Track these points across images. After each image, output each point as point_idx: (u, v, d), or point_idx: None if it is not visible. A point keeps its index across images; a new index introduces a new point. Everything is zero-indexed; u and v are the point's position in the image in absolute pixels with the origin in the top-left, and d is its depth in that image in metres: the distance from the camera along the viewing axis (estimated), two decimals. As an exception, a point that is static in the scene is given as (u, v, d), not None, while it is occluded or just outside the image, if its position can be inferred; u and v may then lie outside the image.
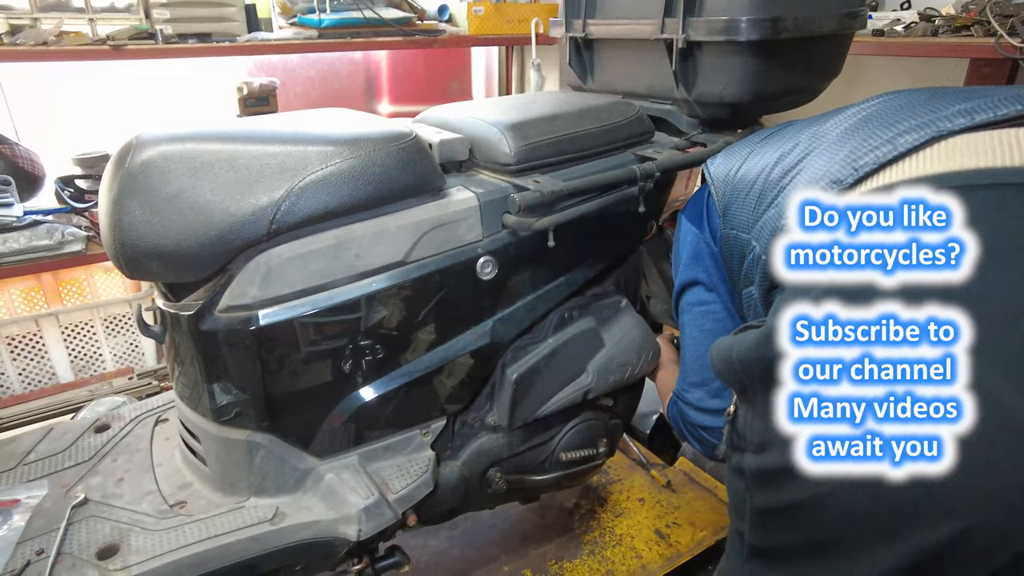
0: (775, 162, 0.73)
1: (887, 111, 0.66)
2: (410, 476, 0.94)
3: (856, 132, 0.65)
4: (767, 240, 0.69)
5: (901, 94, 0.70)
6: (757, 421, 0.62)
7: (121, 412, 1.15)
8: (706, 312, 0.93)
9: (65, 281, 2.35)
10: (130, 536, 0.88)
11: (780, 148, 0.75)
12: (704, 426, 0.95)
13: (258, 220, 0.80)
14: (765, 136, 0.85)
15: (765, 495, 0.61)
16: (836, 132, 0.68)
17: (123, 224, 0.79)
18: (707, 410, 0.94)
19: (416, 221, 0.89)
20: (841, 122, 0.69)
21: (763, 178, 0.74)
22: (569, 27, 1.32)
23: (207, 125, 0.89)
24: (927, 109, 0.61)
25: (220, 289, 0.83)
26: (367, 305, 0.88)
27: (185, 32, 2.11)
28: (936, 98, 0.63)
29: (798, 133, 0.75)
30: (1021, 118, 0.55)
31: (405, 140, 0.89)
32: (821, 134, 0.70)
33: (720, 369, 0.66)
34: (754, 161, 0.79)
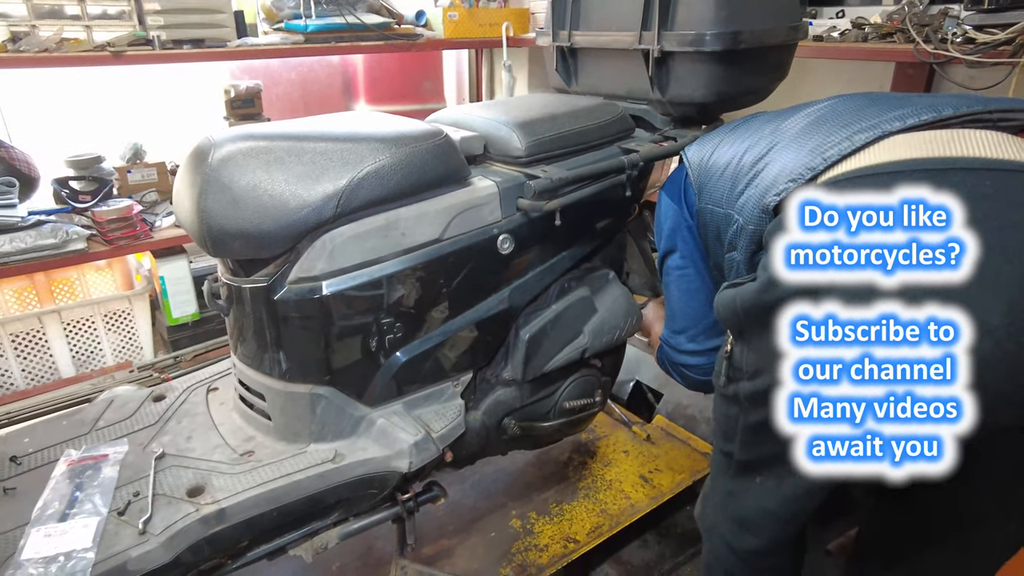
0: (744, 151, 0.92)
1: (837, 114, 0.83)
2: (447, 419, 1.12)
3: (816, 130, 0.81)
4: (751, 213, 0.84)
5: (844, 99, 0.88)
6: (752, 354, 0.80)
7: (173, 384, 1.29)
8: (682, 275, 1.12)
9: (57, 281, 2.42)
10: (211, 478, 1.03)
11: (747, 140, 0.94)
12: (684, 364, 1.15)
13: (326, 205, 0.96)
14: (732, 128, 1.04)
15: (757, 412, 0.79)
16: (796, 129, 0.85)
17: (209, 211, 0.95)
18: (686, 351, 1.14)
19: (449, 205, 1.07)
20: (798, 121, 0.87)
21: (735, 164, 0.93)
22: (556, 37, 1.52)
23: (270, 126, 1.05)
24: (871, 114, 0.77)
25: (290, 264, 0.99)
26: (411, 276, 1.05)
27: (179, 38, 2.22)
28: (875, 104, 0.81)
29: (761, 128, 0.94)
30: (936, 122, 0.74)
31: (440, 137, 1.07)
32: (782, 130, 0.88)
33: (724, 316, 0.83)
34: (724, 150, 0.99)
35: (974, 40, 1.65)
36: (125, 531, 0.93)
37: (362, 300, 1.03)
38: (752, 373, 0.80)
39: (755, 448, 0.85)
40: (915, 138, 0.72)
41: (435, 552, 1.39)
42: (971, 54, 1.61)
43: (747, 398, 0.82)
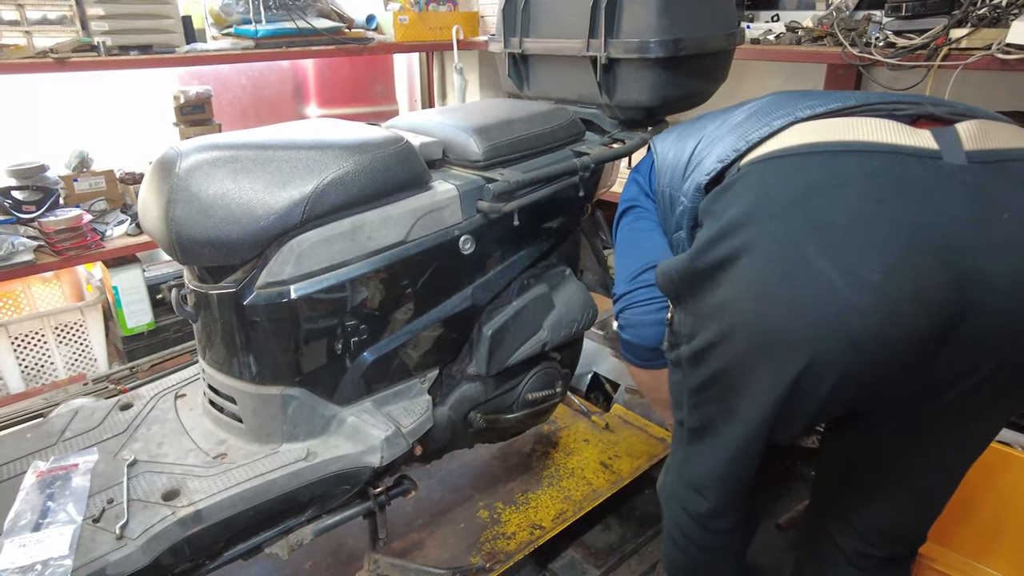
0: (696, 142, 0.99)
1: (768, 106, 0.92)
2: (415, 415, 1.16)
3: (748, 120, 0.91)
4: (690, 193, 0.94)
5: (779, 95, 0.96)
6: (688, 317, 0.87)
7: (140, 392, 1.29)
8: (640, 216, 1.13)
9: (1, 294, 2.36)
10: (186, 482, 1.05)
11: (698, 132, 1.01)
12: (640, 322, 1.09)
13: (293, 211, 0.99)
14: (691, 123, 1.09)
15: (697, 373, 0.87)
16: (734, 121, 0.94)
17: (178, 220, 0.97)
18: (640, 302, 1.08)
19: (412, 208, 1.11)
20: (739, 115, 0.94)
21: (686, 153, 1.00)
22: (507, 44, 1.57)
23: (234, 136, 1.07)
24: (790, 105, 0.87)
25: (258, 269, 1.02)
26: (377, 277, 1.09)
27: (126, 44, 2.19)
28: (797, 98, 0.90)
29: (711, 121, 1.01)
30: (841, 111, 0.83)
31: (401, 144, 1.11)
32: (725, 122, 0.96)
33: (662, 283, 0.92)
34: (681, 142, 1.04)
35: (895, 44, 1.78)
36: (102, 537, 0.95)
37: (330, 302, 1.06)
38: (689, 335, 0.88)
39: (699, 411, 0.92)
40: (820, 124, 0.81)
41: (406, 545, 1.43)
42: (891, 57, 1.74)
43: (687, 361, 0.89)
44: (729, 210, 0.79)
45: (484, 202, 1.18)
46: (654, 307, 1.06)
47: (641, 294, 1.08)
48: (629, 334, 1.11)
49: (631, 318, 1.09)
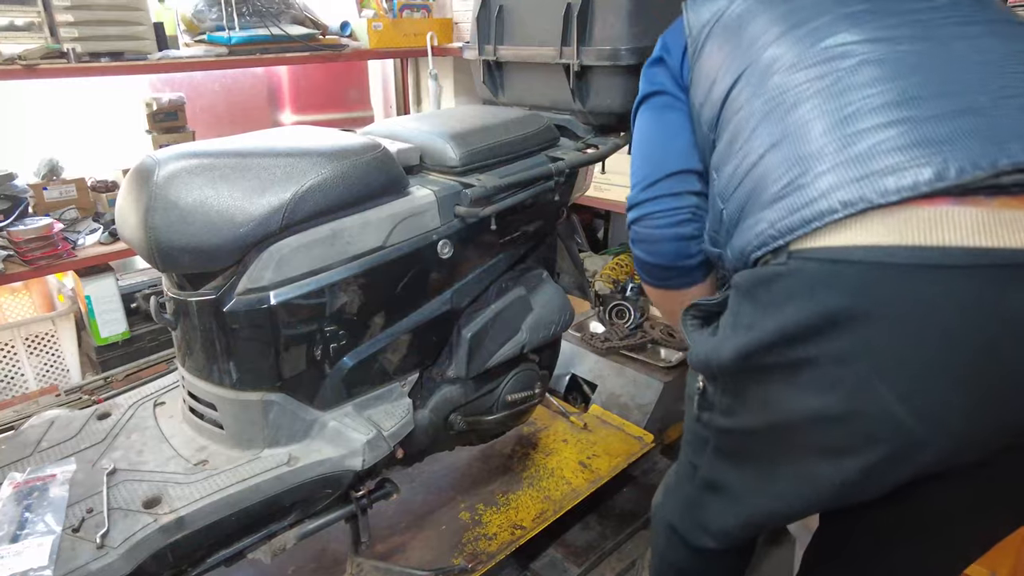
0: (735, 79, 0.79)
1: (912, 68, 0.65)
2: (396, 418, 1.18)
3: (828, 135, 0.66)
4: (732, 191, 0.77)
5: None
6: (726, 397, 0.80)
7: (117, 401, 1.28)
8: (668, 106, 0.93)
9: (-32, 305, 2.32)
10: (167, 489, 1.05)
11: (743, 61, 0.78)
12: (657, 237, 0.92)
13: (272, 218, 1.00)
14: (740, 24, 0.82)
15: (726, 444, 0.84)
16: (850, 80, 0.68)
17: (157, 228, 0.97)
18: (659, 213, 0.91)
19: (390, 214, 1.13)
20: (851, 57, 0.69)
21: (724, 90, 0.80)
22: (482, 51, 1.60)
23: (213, 144, 1.08)
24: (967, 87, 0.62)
25: (238, 276, 1.03)
26: (357, 282, 1.10)
27: (96, 51, 2.17)
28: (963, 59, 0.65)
29: (756, 48, 0.78)
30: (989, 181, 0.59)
31: (378, 150, 1.13)
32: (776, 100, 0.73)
33: (699, 367, 0.82)
34: (726, 52, 0.82)
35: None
36: (82, 547, 0.94)
37: (310, 308, 1.07)
38: (725, 410, 0.80)
39: (721, 472, 0.86)
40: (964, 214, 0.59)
41: (389, 548, 1.44)
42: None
43: (719, 430, 0.83)
44: (811, 306, 0.64)
45: (462, 207, 1.20)
46: (675, 219, 0.91)
47: (660, 204, 0.91)
48: (643, 250, 0.96)
49: (646, 232, 0.94)
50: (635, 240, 0.96)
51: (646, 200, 0.93)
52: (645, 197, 0.93)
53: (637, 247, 0.96)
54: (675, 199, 0.90)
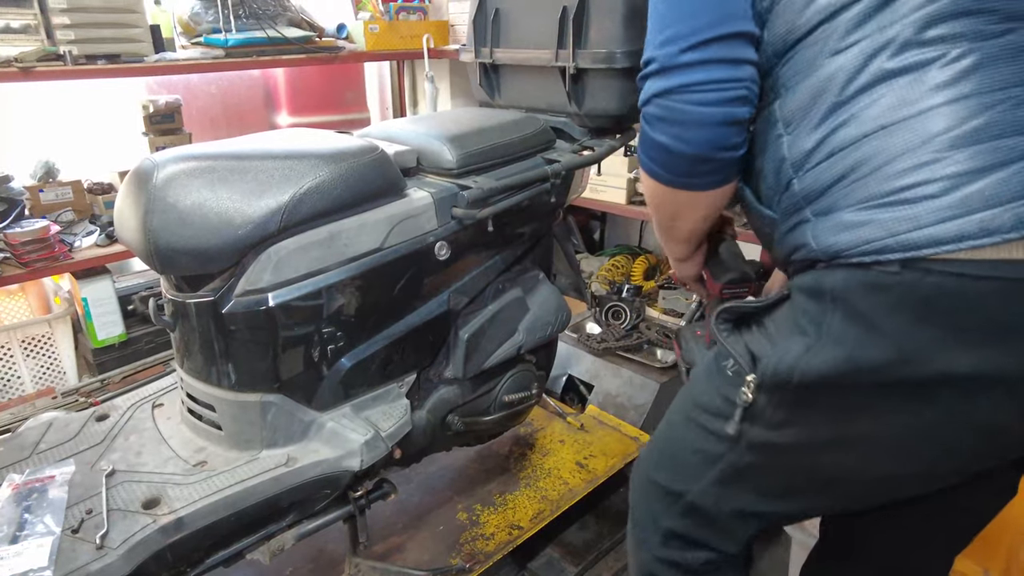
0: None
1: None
2: (394, 418, 1.18)
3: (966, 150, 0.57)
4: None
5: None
6: (781, 410, 0.71)
7: (116, 403, 1.29)
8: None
9: (-37, 307, 2.31)
10: (166, 490, 1.05)
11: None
12: (694, 119, 0.69)
13: (270, 220, 1.01)
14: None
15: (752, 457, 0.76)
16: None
17: (156, 230, 0.98)
18: (702, 85, 0.67)
19: (388, 216, 1.14)
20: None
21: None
22: (478, 54, 1.61)
23: (211, 146, 1.08)
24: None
25: (236, 277, 1.03)
26: (355, 284, 1.11)
27: (93, 53, 2.17)
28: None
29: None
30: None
31: (376, 152, 1.13)
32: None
33: (772, 378, 0.70)
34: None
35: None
36: (82, 548, 0.95)
37: (308, 309, 1.08)
38: (777, 424, 0.72)
39: (723, 497, 0.80)
40: None
41: (386, 549, 1.45)
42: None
43: (753, 443, 0.75)
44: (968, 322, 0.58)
45: (459, 209, 1.21)
46: (729, 95, 0.67)
47: (712, 72, 0.67)
48: (668, 134, 0.71)
49: (682, 110, 0.69)
50: (659, 119, 0.71)
51: (689, 65, 0.67)
52: (688, 60, 0.67)
53: (659, 129, 0.72)
54: (732, 68, 0.67)
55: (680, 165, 0.74)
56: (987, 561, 1.43)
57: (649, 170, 0.78)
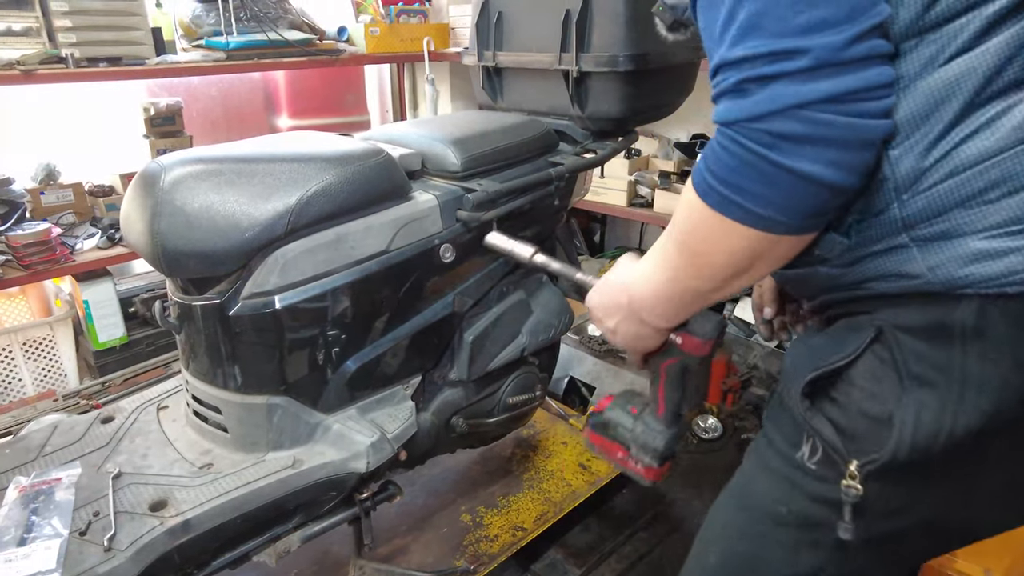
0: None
1: None
2: (399, 420, 1.19)
3: None
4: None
5: None
6: (902, 489, 0.61)
7: (121, 405, 1.29)
8: None
9: (-37, 310, 2.31)
10: (173, 492, 1.06)
11: None
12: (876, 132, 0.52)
13: (277, 222, 1.02)
14: None
15: (876, 553, 0.64)
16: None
17: (163, 233, 0.98)
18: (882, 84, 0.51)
19: (393, 218, 1.14)
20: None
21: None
22: (481, 57, 1.61)
23: (217, 149, 1.09)
24: None
25: (243, 280, 1.04)
26: (360, 286, 1.11)
27: (95, 56, 2.17)
28: None
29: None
30: None
31: (381, 156, 1.14)
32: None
33: (913, 451, 0.57)
34: None
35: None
36: (89, 550, 0.95)
37: (314, 311, 1.08)
38: (897, 509, 0.61)
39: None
40: None
41: (390, 551, 1.45)
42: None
43: (869, 539, 0.62)
44: None
45: (464, 211, 1.21)
46: (887, 102, 0.52)
47: (874, 74, 0.51)
48: (815, 160, 0.52)
49: (846, 124, 0.51)
50: (806, 139, 0.51)
51: (861, 61, 0.50)
52: (858, 55, 0.50)
53: (802, 154, 0.52)
54: (887, 68, 0.52)
55: (816, 203, 0.54)
56: (990, 562, 1.44)
57: (747, 213, 0.56)
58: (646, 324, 0.74)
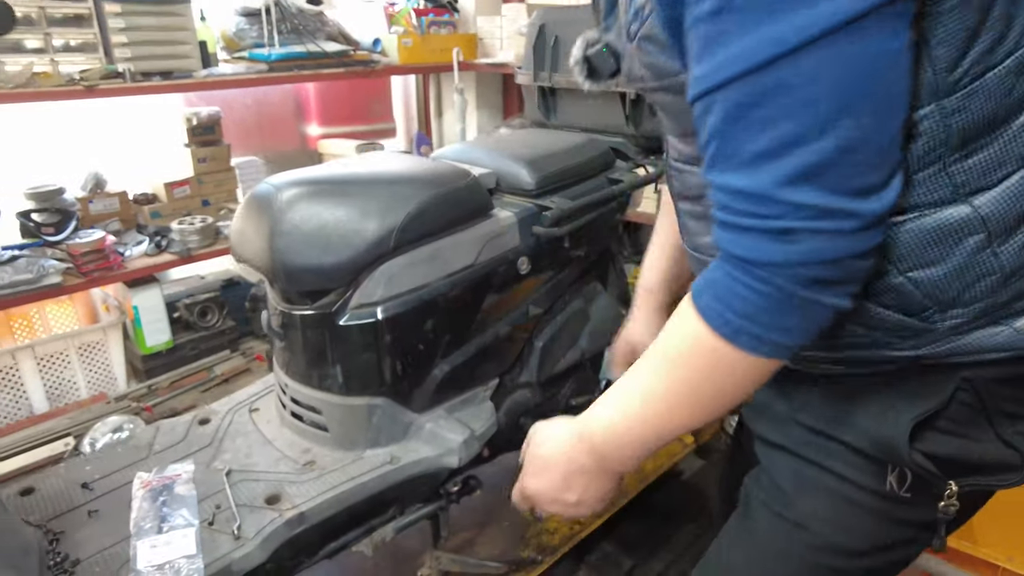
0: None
1: None
2: (483, 420, 1.28)
3: None
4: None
5: None
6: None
7: (214, 407, 1.38)
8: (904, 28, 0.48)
9: (14, 316, 2.38)
10: (284, 487, 1.15)
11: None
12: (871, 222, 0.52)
13: (385, 240, 1.11)
14: None
15: None
16: None
17: (282, 250, 1.07)
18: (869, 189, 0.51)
19: (479, 235, 1.24)
20: None
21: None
22: (536, 77, 1.71)
23: (320, 171, 1.18)
24: None
25: (351, 291, 1.13)
26: (451, 297, 1.21)
27: (147, 70, 2.26)
28: None
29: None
30: None
31: (469, 177, 1.24)
32: None
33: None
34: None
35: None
36: (220, 539, 1.04)
37: (412, 321, 1.18)
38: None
39: None
40: None
41: (459, 543, 1.55)
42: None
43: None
44: None
45: (540, 227, 1.31)
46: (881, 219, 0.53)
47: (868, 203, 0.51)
48: (839, 295, 0.55)
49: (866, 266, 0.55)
50: (836, 281, 0.55)
51: (884, 221, 0.54)
52: (885, 218, 0.53)
53: (831, 291, 0.55)
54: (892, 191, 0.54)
55: (825, 326, 0.58)
56: (1012, 548, 1.55)
57: (763, 342, 0.57)
58: (617, 474, 0.74)
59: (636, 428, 0.68)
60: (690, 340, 0.60)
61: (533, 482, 0.79)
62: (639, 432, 0.68)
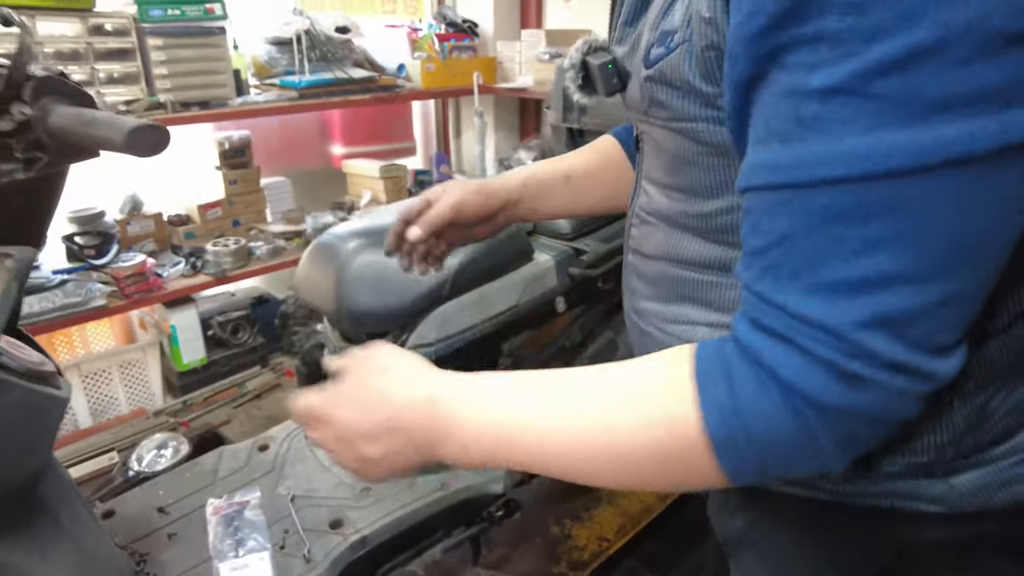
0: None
1: None
2: (524, 449, 1.38)
3: None
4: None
5: None
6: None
7: (271, 434, 1.48)
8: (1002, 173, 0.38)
9: (57, 335, 2.49)
10: (345, 512, 1.25)
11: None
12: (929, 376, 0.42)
13: (441, 287, 1.21)
14: None
15: None
16: None
17: (348, 297, 1.17)
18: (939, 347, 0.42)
19: (522, 279, 1.34)
20: None
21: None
22: (566, 119, 1.81)
23: (377, 221, 1.28)
24: None
25: (408, 333, 1.23)
26: (497, 335, 1.31)
27: (187, 100, 2.36)
28: None
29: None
30: None
31: (514, 226, 1.33)
32: None
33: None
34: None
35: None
36: (292, 562, 1.14)
37: (462, 359, 1.28)
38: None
39: None
40: None
41: (496, 559, 1.64)
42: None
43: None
44: None
45: (576, 269, 1.41)
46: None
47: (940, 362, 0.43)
48: (845, 447, 0.45)
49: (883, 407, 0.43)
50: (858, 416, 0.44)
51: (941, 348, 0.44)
52: (945, 340, 0.44)
53: (842, 429, 0.44)
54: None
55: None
56: None
57: (752, 473, 0.47)
58: (435, 459, 0.57)
59: (502, 452, 0.52)
60: (664, 412, 0.46)
61: (342, 411, 0.58)
62: (504, 455, 0.52)
